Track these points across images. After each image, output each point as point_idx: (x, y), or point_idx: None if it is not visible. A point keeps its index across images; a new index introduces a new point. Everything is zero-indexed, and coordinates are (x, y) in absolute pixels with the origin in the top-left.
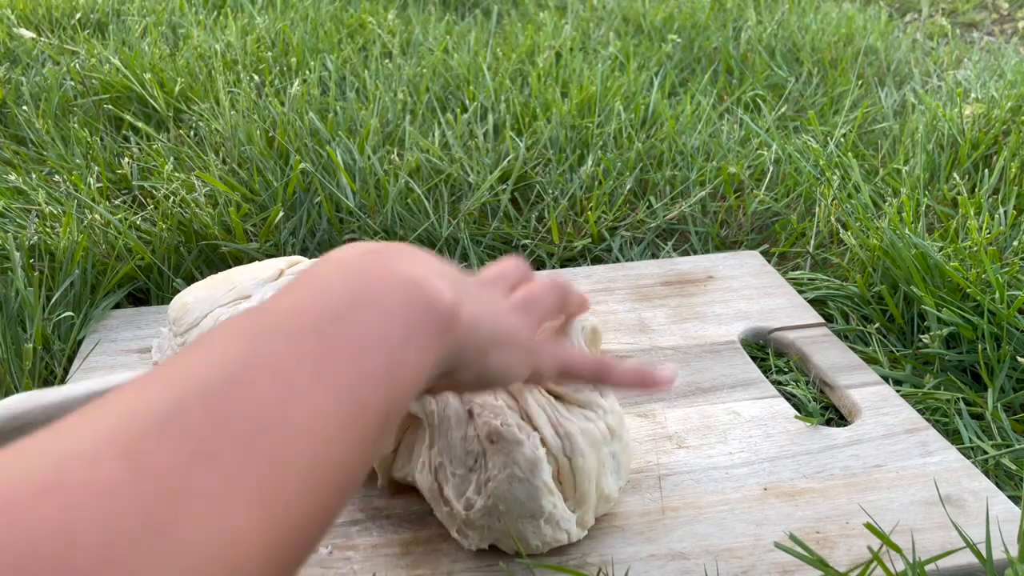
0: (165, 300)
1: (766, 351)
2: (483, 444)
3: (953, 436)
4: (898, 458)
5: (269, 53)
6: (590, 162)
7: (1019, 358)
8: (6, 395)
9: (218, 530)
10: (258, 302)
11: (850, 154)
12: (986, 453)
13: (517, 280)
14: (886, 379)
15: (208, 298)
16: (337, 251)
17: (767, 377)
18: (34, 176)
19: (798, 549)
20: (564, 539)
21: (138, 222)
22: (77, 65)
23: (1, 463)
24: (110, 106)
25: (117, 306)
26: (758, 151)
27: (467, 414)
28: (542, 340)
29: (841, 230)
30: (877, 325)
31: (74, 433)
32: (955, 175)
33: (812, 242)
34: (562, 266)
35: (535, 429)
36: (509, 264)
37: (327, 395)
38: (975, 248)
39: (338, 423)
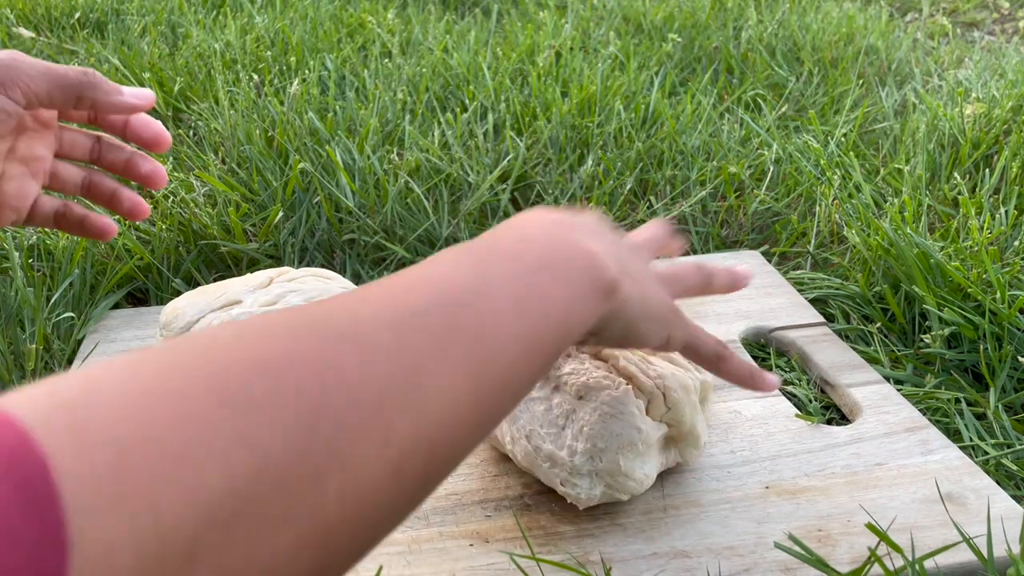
0: (164, 300)
1: (767, 350)
2: (572, 404)
3: (954, 436)
4: (899, 456)
5: (268, 52)
6: (590, 162)
7: (1020, 358)
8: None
9: (449, 392)
10: (249, 306)
11: (851, 154)
12: (987, 453)
13: (662, 245)
14: (887, 379)
15: (200, 303)
16: (534, 214)
17: None
18: None
19: (797, 549)
20: (654, 470)
21: (138, 223)
22: (76, 65)
23: (317, 311)
24: None
25: (116, 306)
26: (758, 151)
27: (552, 390)
28: (676, 314)
29: (843, 228)
30: (878, 324)
31: (365, 308)
32: (956, 175)
33: (812, 242)
34: None
35: (628, 379)
36: (656, 229)
37: (523, 326)
38: (976, 248)
39: (526, 346)
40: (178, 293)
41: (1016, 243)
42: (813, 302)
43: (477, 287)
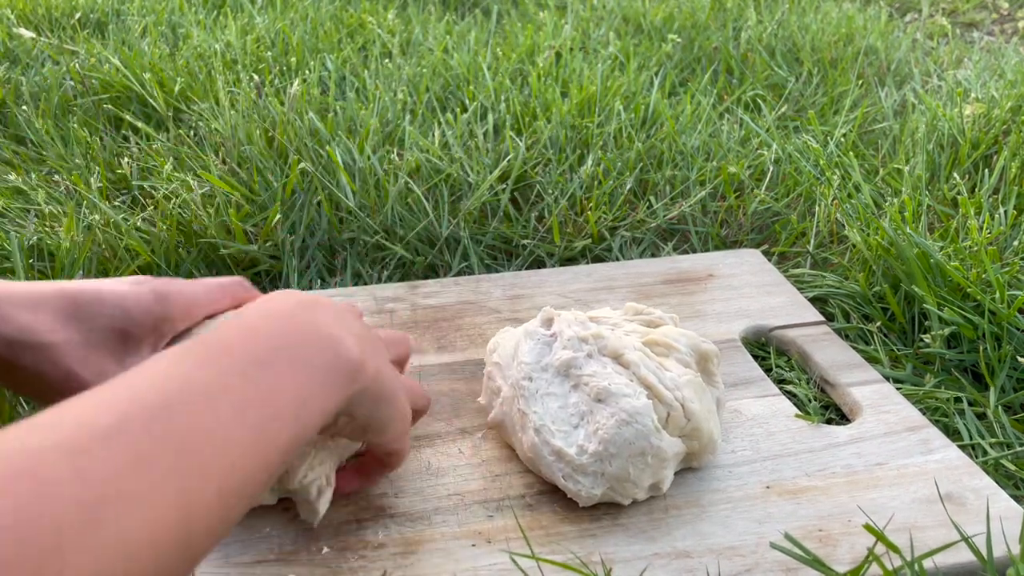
0: None
1: (767, 349)
2: (590, 405)
3: (953, 435)
4: (899, 456)
5: (269, 53)
6: (590, 162)
7: (1020, 358)
8: (9, 401)
9: (145, 526)
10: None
11: (850, 154)
12: (986, 452)
13: (401, 348)
14: (887, 378)
15: None
16: (270, 299)
17: (768, 375)
18: (33, 176)
19: (796, 550)
20: (668, 476)
21: (138, 223)
22: (77, 65)
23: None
24: (110, 106)
25: None
26: (758, 151)
27: (570, 388)
28: (407, 415)
29: (844, 227)
30: (878, 324)
31: (41, 437)
32: (955, 175)
33: (812, 242)
34: (562, 265)
35: (648, 387)
36: (398, 335)
37: (242, 427)
38: (975, 248)
39: (248, 450)
40: None
41: (1015, 243)
42: (813, 301)
43: (186, 392)
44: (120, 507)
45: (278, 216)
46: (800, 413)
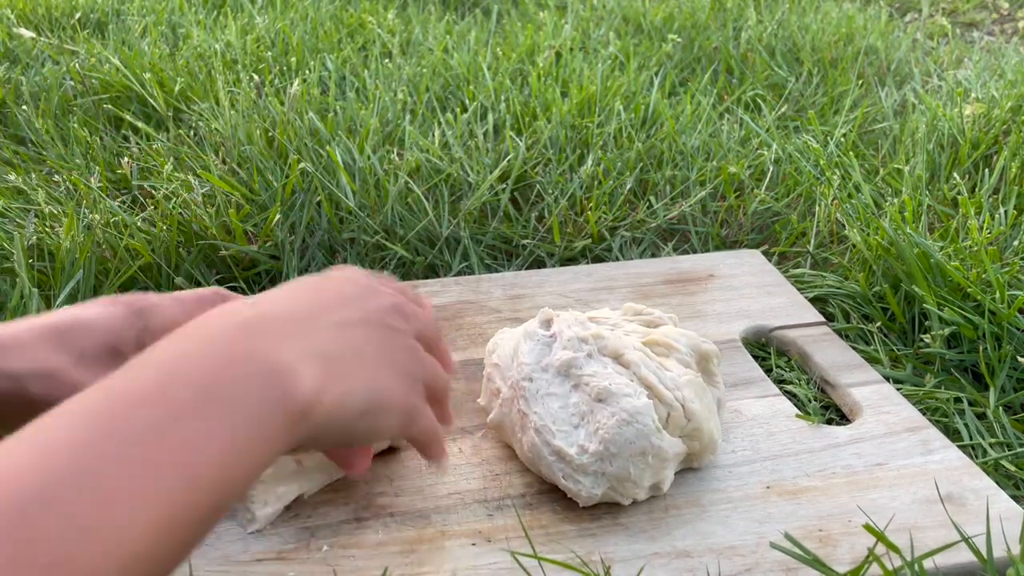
0: None
1: (767, 350)
2: (591, 405)
3: (953, 436)
4: (899, 456)
5: (269, 53)
6: (590, 162)
7: (1020, 358)
8: None
9: None
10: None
11: (851, 154)
12: (986, 453)
13: (426, 331)
14: (887, 378)
15: None
16: (210, 317)
17: (768, 376)
18: (34, 176)
19: (796, 550)
20: (668, 476)
21: (138, 223)
22: (77, 65)
23: None
24: (110, 106)
25: None
26: (758, 151)
27: (571, 388)
28: (415, 407)
29: (844, 227)
30: (878, 324)
31: None
32: (955, 175)
33: (812, 242)
34: (562, 265)
35: (649, 387)
36: (414, 308)
37: (148, 507)
38: (975, 248)
39: (155, 529)
40: None
41: (1015, 243)
42: (813, 301)
43: (54, 489)
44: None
45: (278, 216)
46: (800, 413)
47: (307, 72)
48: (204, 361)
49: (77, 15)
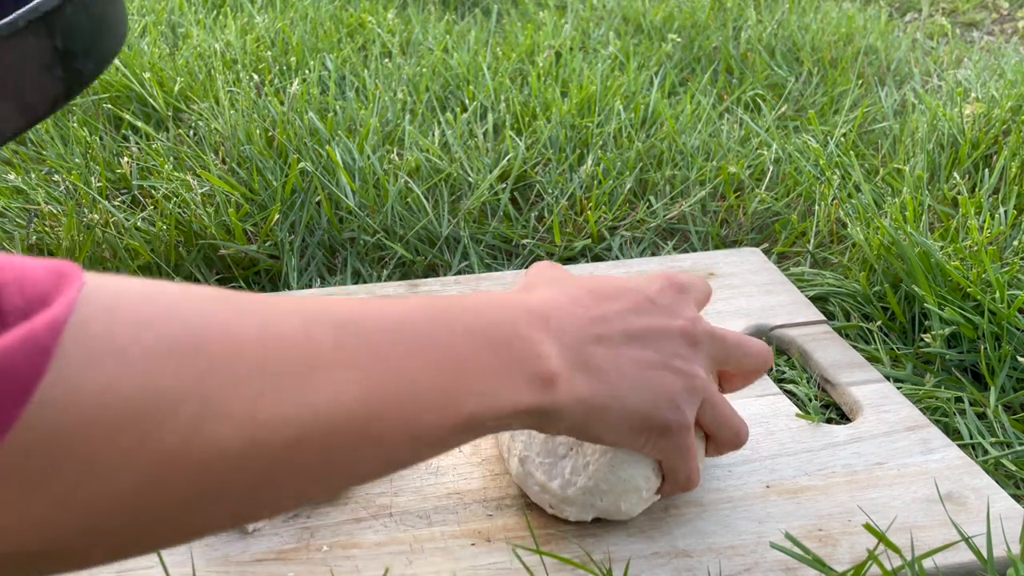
0: None
1: None
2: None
3: (953, 435)
4: (899, 456)
5: (269, 52)
6: (590, 162)
7: (1020, 358)
8: None
9: (335, 393)
10: None
11: (851, 154)
12: (987, 452)
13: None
14: (887, 377)
15: None
16: (479, 292)
17: (768, 374)
18: (33, 176)
19: (796, 549)
20: (656, 498)
21: (138, 222)
22: None
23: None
24: (109, 105)
25: None
26: (758, 151)
27: None
28: (678, 427)
29: (845, 226)
30: (879, 323)
31: (289, 302)
32: (955, 175)
33: (812, 241)
34: (562, 265)
35: None
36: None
37: (436, 375)
38: (975, 248)
39: (430, 385)
40: None
41: (1015, 243)
42: (813, 299)
43: (400, 323)
44: (322, 378)
45: (278, 215)
46: (800, 412)
47: (307, 72)
48: (481, 307)
49: None
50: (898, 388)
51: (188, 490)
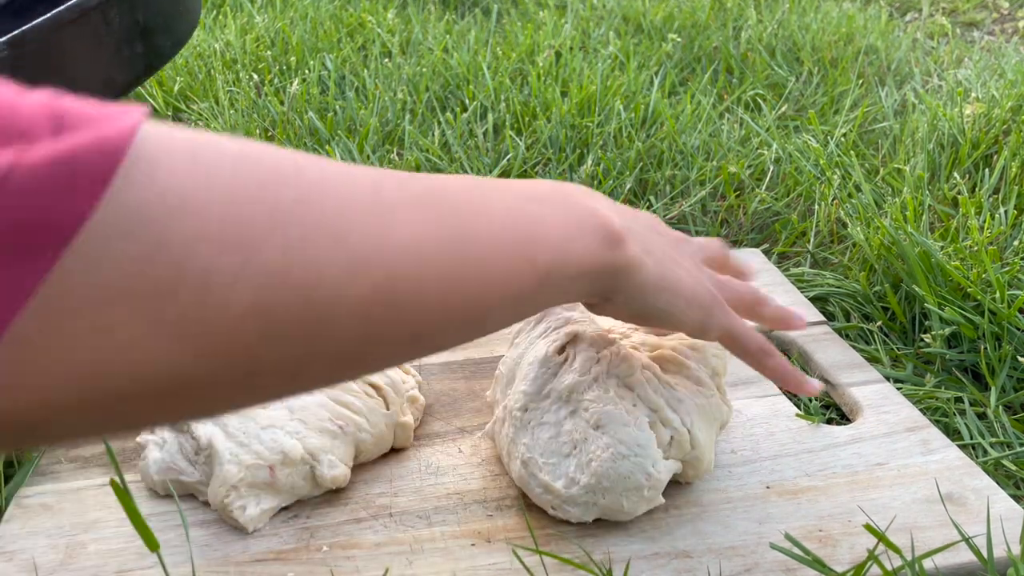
0: None
1: None
2: (586, 432)
3: (953, 435)
4: (899, 456)
5: (268, 52)
6: (590, 161)
7: (1020, 358)
8: None
9: (418, 234)
10: None
11: (851, 153)
12: (987, 452)
13: (714, 255)
14: (887, 378)
15: None
16: (562, 184)
17: None
18: None
19: (796, 550)
20: (660, 500)
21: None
22: None
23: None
24: None
25: None
26: (758, 150)
27: (567, 415)
28: (716, 300)
29: (847, 224)
30: (879, 323)
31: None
32: (955, 174)
33: (812, 241)
34: None
35: (655, 410)
36: (711, 241)
37: (509, 228)
38: (976, 248)
39: (511, 242)
40: None
41: (1016, 243)
42: (813, 300)
43: (473, 187)
44: (404, 218)
45: None
46: (800, 413)
47: (307, 71)
48: (536, 184)
49: None
50: (898, 388)
51: (294, 318)
